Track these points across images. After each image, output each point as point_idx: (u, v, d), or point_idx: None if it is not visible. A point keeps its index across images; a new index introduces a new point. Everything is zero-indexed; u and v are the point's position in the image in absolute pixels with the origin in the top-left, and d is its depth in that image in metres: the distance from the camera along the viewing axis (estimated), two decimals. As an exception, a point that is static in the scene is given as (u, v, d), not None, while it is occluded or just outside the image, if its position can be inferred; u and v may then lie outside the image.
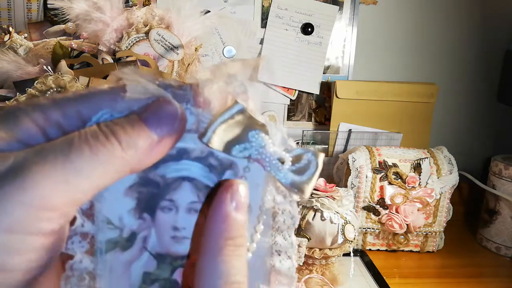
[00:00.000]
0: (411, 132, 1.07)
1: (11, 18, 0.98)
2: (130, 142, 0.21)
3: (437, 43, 1.12)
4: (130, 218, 0.24)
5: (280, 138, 0.23)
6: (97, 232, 0.24)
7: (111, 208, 0.24)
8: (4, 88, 0.82)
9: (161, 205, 0.25)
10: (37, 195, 0.19)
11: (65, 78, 0.75)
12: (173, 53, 0.84)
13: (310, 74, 1.08)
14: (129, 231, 0.24)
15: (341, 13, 1.07)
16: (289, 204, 0.25)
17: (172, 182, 0.25)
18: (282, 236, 0.25)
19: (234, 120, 0.22)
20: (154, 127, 0.21)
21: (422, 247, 0.93)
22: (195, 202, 0.25)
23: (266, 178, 0.24)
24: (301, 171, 0.23)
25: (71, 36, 0.90)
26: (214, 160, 0.25)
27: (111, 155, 0.20)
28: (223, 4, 1.04)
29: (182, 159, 0.24)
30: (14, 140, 0.21)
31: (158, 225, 0.25)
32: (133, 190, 0.24)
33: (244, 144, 0.22)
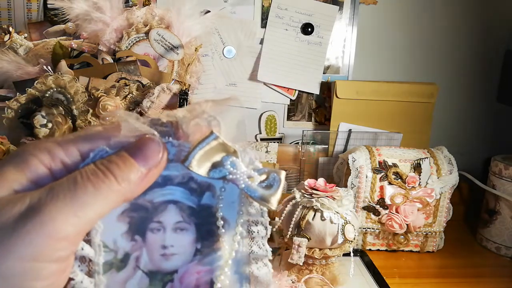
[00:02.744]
0: (411, 132, 1.07)
1: (11, 18, 0.98)
2: (124, 176, 0.25)
3: (437, 43, 1.12)
4: (123, 240, 0.28)
5: (248, 160, 0.27)
6: (94, 256, 0.27)
7: (106, 233, 0.27)
8: (4, 88, 0.83)
9: (151, 226, 0.28)
10: (53, 228, 0.22)
11: (65, 78, 0.75)
12: (173, 53, 0.84)
13: (310, 74, 1.08)
14: (123, 253, 0.28)
15: (341, 13, 1.07)
16: (261, 215, 0.29)
17: (159, 206, 0.28)
18: (258, 246, 0.29)
19: (210, 147, 0.26)
20: (142, 162, 0.25)
21: (422, 247, 0.93)
22: (180, 221, 0.28)
23: (239, 195, 0.28)
24: (268, 186, 0.27)
25: (71, 36, 0.90)
26: (194, 183, 0.29)
27: (109, 189, 0.24)
28: (223, 4, 1.04)
29: (166, 185, 0.28)
30: (27, 181, 0.24)
31: (149, 245, 0.28)
32: (125, 215, 0.28)
33: (219, 167, 0.26)
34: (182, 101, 0.78)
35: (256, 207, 0.29)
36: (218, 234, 0.28)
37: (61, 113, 0.73)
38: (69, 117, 0.74)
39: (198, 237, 0.28)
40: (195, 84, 0.89)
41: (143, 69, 0.82)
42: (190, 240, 0.28)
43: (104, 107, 0.76)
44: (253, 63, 1.07)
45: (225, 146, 0.27)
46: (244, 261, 0.28)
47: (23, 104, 0.74)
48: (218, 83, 1.07)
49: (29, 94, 0.74)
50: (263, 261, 0.29)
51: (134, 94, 0.79)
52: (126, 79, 0.79)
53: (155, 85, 0.80)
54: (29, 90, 0.75)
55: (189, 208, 0.28)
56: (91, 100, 0.77)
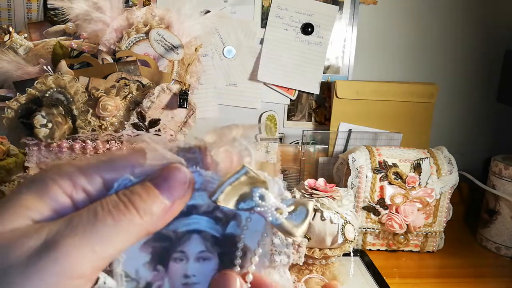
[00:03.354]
0: (411, 132, 1.07)
1: (11, 18, 0.98)
2: (147, 209, 0.23)
3: (437, 43, 1.12)
4: (146, 270, 0.27)
5: (277, 190, 0.27)
6: (116, 286, 0.26)
7: (128, 263, 0.26)
8: (4, 88, 0.82)
9: (174, 256, 0.28)
10: (68, 265, 0.21)
11: (65, 78, 0.75)
12: (173, 53, 0.84)
13: (310, 74, 1.08)
14: (144, 283, 0.27)
15: (341, 13, 1.07)
16: (286, 246, 0.29)
17: (183, 236, 0.28)
18: (279, 273, 0.29)
19: (240, 181, 0.26)
20: (166, 193, 0.24)
21: (422, 247, 0.93)
22: (203, 251, 0.28)
23: (265, 226, 0.28)
24: (295, 218, 0.27)
25: (71, 36, 0.90)
26: (220, 213, 0.28)
27: (131, 223, 0.23)
28: (223, 4, 1.04)
29: (191, 214, 0.27)
30: (47, 209, 0.23)
31: (171, 275, 0.28)
32: (148, 245, 0.27)
33: (248, 200, 0.26)
34: (182, 101, 0.78)
35: (281, 238, 0.28)
36: (239, 263, 0.28)
37: (61, 113, 0.73)
38: (69, 117, 0.74)
39: (221, 266, 0.28)
40: (195, 84, 0.89)
41: (143, 69, 0.82)
42: (212, 269, 0.28)
43: (104, 107, 0.76)
44: (253, 63, 1.07)
45: (255, 178, 0.26)
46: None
47: (23, 104, 0.74)
48: (218, 83, 1.07)
49: (29, 94, 0.74)
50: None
51: (134, 94, 0.79)
52: (126, 79, 0.79)
53: (155, 85, 0.80)
54: (29, 90, 0.75)
55: (212, 237, 0.28)
56: (91, 100, 0.77)
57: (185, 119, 0.81)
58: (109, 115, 0.77)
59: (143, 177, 0.25)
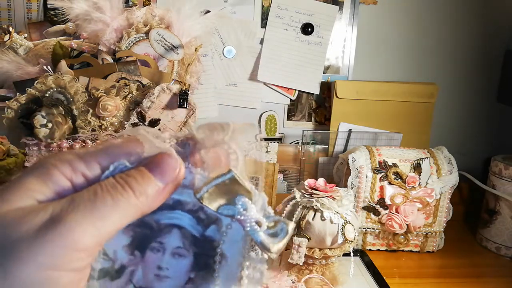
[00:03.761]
0: (411, 132, 1.07)
1: (11, 18, 0.98)
2: (142, 190, 0.26)
3: (437, 43, 1.12)
4: (123, 253, 0.28)
5: (261, 204, 0.28)
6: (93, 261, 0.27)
7: (109, 242, 0.27)
8: (4, 88, 0.83)
9: (152, 245, 0.28)
10: (72, 238, 0.23)
11: (65, 78, 0.75)
12: (173, 53, 0.84)
13: (310, 74, 1.08)
14: (119, 264, 0.28)
15: (341, 13, 1.07)
16: (260, 262, 0.29)
17: (164, 228, 0.29)
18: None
19: (225, 185, 0.27)
20: (159, 176, 0.26)
21: (422, 247, 0.93)
22: (180, 247, 0.29)
23: (244, 237, 0.28)
24: (274, 234, 0.27)
25: (71, 36, 0.90)
26: (203, 214, 0.29)
27: (127, 202, 0.25)
28: (223, 4, 1.04)
29: (176, 209, 0.29)
30: (49, 192, 0.25)
31: (146, 263, 0.28)
32: (130, 229, 0.28)
33: (230, 206, 0.27)
34: (182, 101, 0.78)
35: (257, 252, 0.29)
36: (213, 268, 0.28)
37: (61, 113, 0.73)
38: (69, 117, 0.74)
39: (194, 267, 0.28)
40: (195, 84, 0.89)
41: (143, 69, 0.82)
42: (186, 267, 0.29)
43: (104, 107, 0.76)
44: (253, 63, 1.07)
45: (240, 185, 0.27)
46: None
47: (23, 104, 0.74)
48: (218, 83, 1.07)
49: (29, 94, 0.74)
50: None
51: (134, 94, 0.79)
52: (126, 79, 0.79)
53: (155, 85, 0.80)
54: (29, 90, 0.75)
55: (192, 237, 0.29)
56: (91, 100, 0.77)
57: (185, 119, 0.81)
58: (109, 115, 0.77)
59: (137, 163, 0.27)
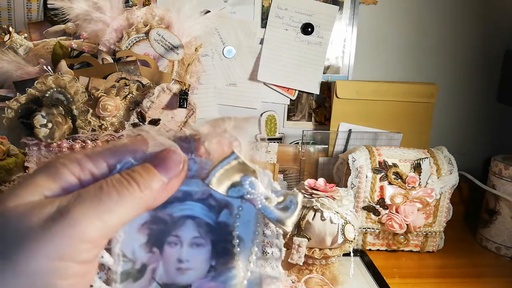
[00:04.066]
0: (411, 132, 1.07)
1: (11, 18, 0.98)
2: (146, 185, 0.26)
3: (437, 43, 1.12)
4: (141, 252, 0.29)
5: (267, 181, 0.28)
6: (113, 264, 0.28)
7: (126, 243, 0.28)
8: (4, 88, 0.83)
9: (168, 240, 0.29)
10: (78, 230, 0.24)
11: (65, 78, 0.75)
12: (173, 53, 0.84)
13: (310, 74, 1.08)
14: (140, 264, 0.28)
15: (341, 13, 1.07)
16: (276, 237, 0.29)
17: (178, 220, 0.29)
18: (271, 267, 0.29)
19: (230, 166, 0.27)
20: (163, 172, 0.27)
21: (422, 247, 0.93)
22: (197, 237, 0.29)
23: (256, 215, 0.29)
24: (285, 208, 0.28)
25: (71, 36, 0.90)
26: (213, 201, 0.29)
27: (132, 196, 0.26)
28: (223, 4, 1.04)
29: (186, 200, 0.29)
30: (57, 188, 0.26)
31: (166, 258, 0.29)
32: (145, 227, 0.29)
33: (238, 187, 0.27)
34: (182, 101, 0.78)
35: (271, 229, 0.29)
36: (233, 252, 0.28)
37: (61, 113, 0.73)
38: (69, 117, 0.74)
39: (214, 254, 0.29)
40: (195, 84, 0.89)
41: (143, 69, 0.82)
42: (206, 256, 0.29)
43: (104, 107, 0.76)
44: (253, 63, 1.07)
45: (245, 166, 0.27)
46: (257, 282, 0.29)
47: (23, 104, 0.74)
48: (218, 83, 1.07)
49: (29, 94, 0.74)
50: (275, 284, 0.29)
51: (134, 94, 0.79)
52: (126, 79, 0.79)
53: (155, 85, 0.80)
54: (29, 90, 0.75)
55: (206, 225, 0.29)
56: (91, 100, 0.77)
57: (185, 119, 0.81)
58: (109, 115, 0.77)
59: (142, 160, 0.28)
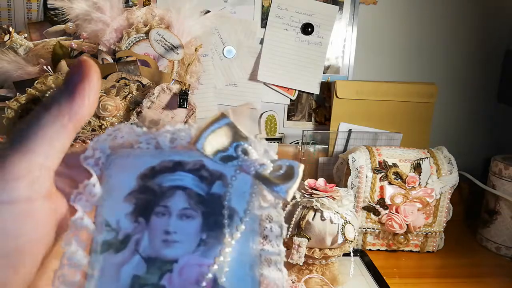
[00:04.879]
0: (411, 132, 1.07)
1: (11, 18, 0.98)
2: (57, 99, 0.24)
3: (437, 43, 1.12)
4: (127, 221, 0.27)
5: (263, 150, 0.27)
6: (95, 233, 0.26)
7: (111, 212, 0.26)
8: (4, 88, 0.83)
9: (156, 210, 0.27)
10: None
11: (65, 78, 0.75)
12: (173, 53, 0.84)
13: (310, 74, 1.08)
14: (124, 234, 0.27)
15: (341, 13, 1.07)
16: (276, 211, 0.27)
17: (167, 190, 0.27)
18: (271, 245, 0.27)
19: (222, 130, 0.26)
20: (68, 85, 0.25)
21: (422, 247, 0.93)
22: (186, 208, 0.27)
23: (252, 186, 0.27)
24: (283, 177, 0.26)
25: (71, 36, 0.90)
26: (205, 172, 0.28)
27: (48, 113, 0.24)
28: (223, 4, 1.04)
29: (177, 170, 0.28)
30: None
31: (151, 229, 0.27)
32: (132, 196, 0.27)
33: (230, 152, 0.26)
34: (182, 101, 0.78)
35: (270, 201, 0.27)
36: (224, 224, 0.26)
37: (61, 113, 0.73)
38: (69, 117, 0.74)
39: (204, 227, 0.27)
40: (195, 84, 0.89)
41: (143, 69, 0.82)
42: (196, 229, 0.27)
43: (104, 107, 0.76)
44: (253, 63, 1.07)
45: (237, 131, 0.26)
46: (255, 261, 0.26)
47: (23, 104, 0.74)
48: (218, 83, 1.07)
49: (29, 94, 0.74)
50: (276, 265, 0.26)
51: (134, 94, 0.79)
52: (126, 79, 0.79)
53: (155, 85, 0.80)
54: (29, 90, 0.75)
55: (197, 196, 0.27)
56: (91, 100, 0.77)
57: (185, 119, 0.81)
58: (109, 115, 0.77)
59: (93, 177, 0.26)
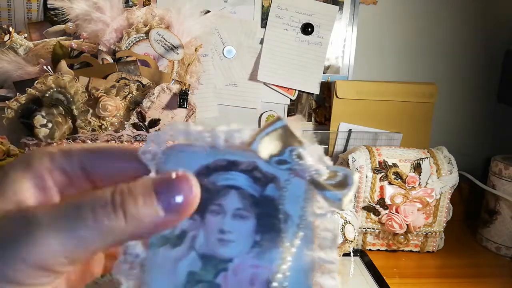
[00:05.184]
0: (411, 132, 1.07)
1: (11, 18, 0.98)
2: (136, 216, 0.21)
3: (437, 43, 1.12)
4: None
5: (317, 155, 0.26)
6: (144, 253, 0.26)
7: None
8: (4, 88, 0.83)
9: (211, 208, 0.27)
10: (36, 255, 0.20)
11: (65, 78, 0.75)
12: (173, 53, 0.84)
13: (310, 74, 1.08)
14: (180, 229, 0.27)
15: (341, 13, 1.07)
16: (331, 219, 0.27)
17: (222, 189, 0.27)
18: (324, 253, 0.27)
19: (278, 133, 0.26)
20: (165, 203, 0.22)
21: (422, 247, 0.93)
22: (240, 208, 0.27)
23: (306, 191, 0.27)
24: (339, 185, 0.25)
25: (71, 36, 0.90)
26: (259, 173, 0.27)
27: (113, 227, 0.21)
28: (223, 4, 1.04)
29: (231, 170, 0.27)
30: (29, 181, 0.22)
31: (207, 227, 0.27)
32: None
33: (285, 156, 0.26)
34: (182, 101, 0.78)
35: (323, 208, 0.26)
36: (280, 229, 0.26)
37: (61, 113, 0.73)
38: (69, 117, 0.74)
39: (258, 229, 0.27)
40: (195, 84, 0.89)
41: (143, 69, 0.82)
42: (249, 230, 0.27)
43: (104, 107, 0.76)
44: (253, 63, 1.07)
45: (292, 136, 0.26)
46: (308, 267, 0.26)
47: (23, 104, 0.74)
48: (218, 83, 1.07)
49: (29, 94, 0.74)
50: (330, 273, 0.26)
51: (134, 94, 0.79)
52: (126, 79, 0.79)
53: (155, 85, 0.80)
54: (29, 90, 0.75)
55: (251, 197, 0.27)
56: (91, 100, 0.77)
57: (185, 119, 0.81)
58: (109, 115, 0.77)
59: (151, 173, 0.25)
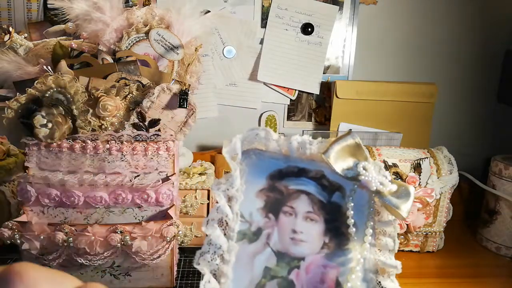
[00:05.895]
0: (411, 132, 1.07)
1: (11, 18, 0.98)
2: None
3: (437, 43, 1.12)
4: (258, 215, 0.29)
5: (379, 169, 0.30)
6: (231, 221, 0.28)
7: (244, 205, 0.29)
8: (4, 88, 0.83)
9: (284, 209, 0.30)
10: None
11: (65, 78, 0.75)
12: (173, 53, 0.84)
13: (310, 74, 1.08)
14: (256, 226, 0.29)
15: (341, 13, 1.07)
16: (392, 227, 0.30)
17: (293, 193, 0.30)
18: (385, 257, 0.30)
19: (348, 144, 0.29)
20: None
21: (422, 247, 0.93)
22: (310, 212, 0.30)
23: (369, 201, 0.30)
24: (398, 196, 0.28)
25: (71, 36, 0.90)
26: (326, 181, 0.30)
27: None
28: (223, 4, 1.04)
29: (301, 176, 0.30)
30: None
31: (280, 226, 0.29)
32: (263, 193, 0.30)
33: (353, 167, 0.28)
34: (182, 101, 0.78)
35: (384, 216, 0.29)
36: (347, 233, 0.29)
37: (61, 113, 0.73)
38: (69, 117, 0.74)
39: (327, 231, 0.29)
40: (195, 84, 0.89)
41: (143, 69, 0.82)
42: (319, 231, 0.29)
43: (104, 107, 0.76)
44: (253, 63, 1.07)
45: (360, 149, 0.29)
46: (372, 269, 0.29)
47: (23, 104, 0.74)
48: (218, 83, 1.07)
49: (29, 94, 0.74)
50: (390, 277, 0.31)
51: (134, 94, 0.79)
52: (126, 79, 0.79)
53: (155, 85, 0.80)
54: (29, 90, 0.75)
55: (319, 202, 0.30)
56: (91, 100, 0.77)
57: (185, 119, 0.81)
58: (109, 115, 0.77)
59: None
